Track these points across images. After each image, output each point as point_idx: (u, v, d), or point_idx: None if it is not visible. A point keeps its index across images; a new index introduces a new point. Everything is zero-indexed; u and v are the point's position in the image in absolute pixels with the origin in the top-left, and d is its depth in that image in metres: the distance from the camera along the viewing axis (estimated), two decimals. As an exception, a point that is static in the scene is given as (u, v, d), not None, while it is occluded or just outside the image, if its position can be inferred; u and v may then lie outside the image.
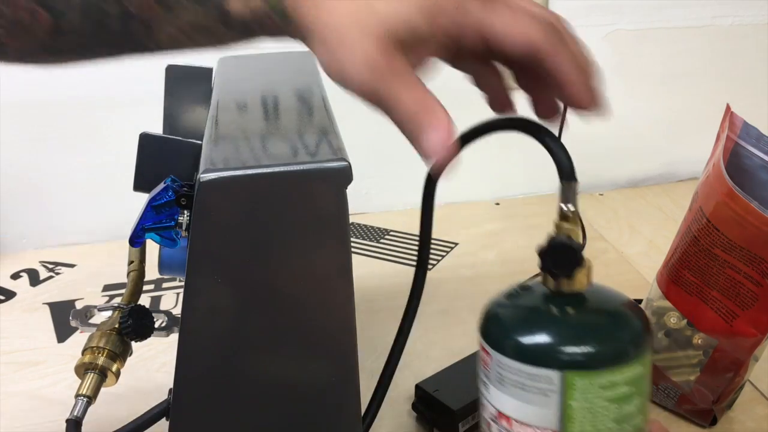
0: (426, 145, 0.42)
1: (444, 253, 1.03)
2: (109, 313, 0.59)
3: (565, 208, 0.48)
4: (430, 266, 0.86)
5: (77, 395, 0.53)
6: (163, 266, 0.57)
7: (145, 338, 0.57)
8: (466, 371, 0.71)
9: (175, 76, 0.65)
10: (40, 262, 1.05)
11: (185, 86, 0.65)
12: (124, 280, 1.00)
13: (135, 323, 0.56)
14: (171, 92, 0.65)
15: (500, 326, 0.48)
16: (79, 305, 0.94)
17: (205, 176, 0.45)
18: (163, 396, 0.57)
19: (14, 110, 1.02)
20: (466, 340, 0.77)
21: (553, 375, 0.45)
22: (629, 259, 0.99)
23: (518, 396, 0.46)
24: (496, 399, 0.48)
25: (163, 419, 0.55)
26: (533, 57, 0.46)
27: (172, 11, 0.47)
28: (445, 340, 0.83)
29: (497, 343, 0.47)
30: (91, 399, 0.53)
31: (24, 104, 1.02)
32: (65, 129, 1.06)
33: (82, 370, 0.55)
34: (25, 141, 1.05)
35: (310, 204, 0.47)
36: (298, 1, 0.45)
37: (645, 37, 1.16)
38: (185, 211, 0.49)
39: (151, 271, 0.62)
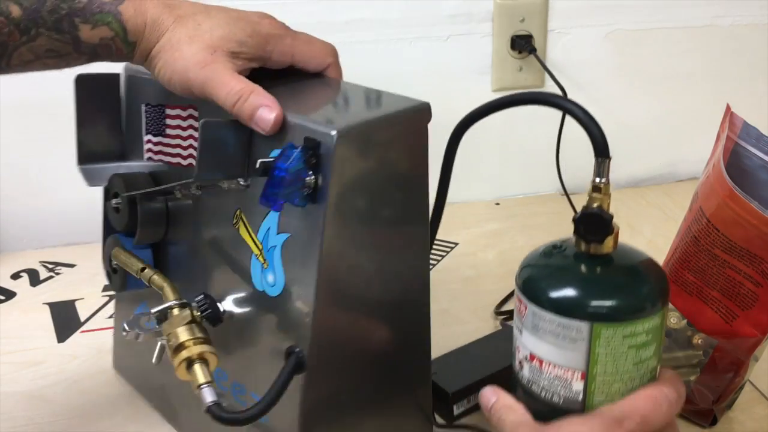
0: (257, 118, 0.55)
1: (444, 253, 1.03)
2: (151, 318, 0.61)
3: (597, 181, 0.54)
4: (429, 266, 0.85)
5: (199, 386, 0.55)
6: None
7: (221, 322, 0.60)
8: (464, 358, 0.75)
9: (86, 87, 0.67)
10: (40, 262, 1.05)
11: (98, 96, 0.69)
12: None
13: (212, 309, 0.60)
14: (82, 103, 0.68)
15: (538, 282, 0.55)
16: (79, 305, 0.94)
17: (333, 131, 0.50)
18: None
19: (14, 110, 1.02)
20: (466, 340, 0.77)
21: (583, 326, 0.52)
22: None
23: (550, 341, 0.54)
24: (530, 343, 0.55)
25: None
26: (322, 69, 0.64)
27: (31, 39, 0.54)
28: (445, 339, 0.83)
29: (535, 296, 0.54)
30: (211, 383, 0.55)
31: (24, 104, 1.02)
32: (65, 129, 1.06)
33: (185, 366, 0.56)
34: (25, 141, 1.05)
35: (411, 140, 0.56)
36: (142, 32, 0.57)
37: (645, 37, 1.16)
38: (310, 172, 0.52)
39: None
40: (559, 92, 1.02)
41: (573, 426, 0.52)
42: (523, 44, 1.10)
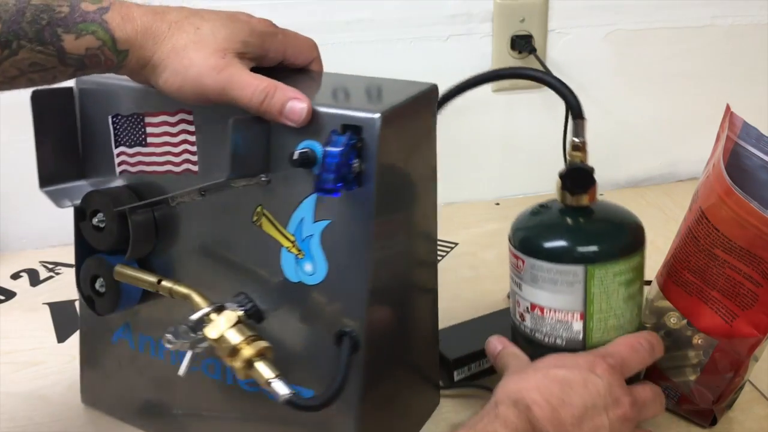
0: (288, 111, 0.55)
1: (444, 253, 1.03)
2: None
3: (577, 140, 0.62)
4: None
5: (268, 382, 0.56)
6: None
7: (264, 319, 0.61)
8: (466, 330, 0.79)
9: (42, 104, 0.65)
10: (40, 262, 1.05)
11: (56, 112, 0.66)
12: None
13: (254, 305, 0.61)
14: (40, 121, 0.65)
15: (534, 237, 0.61)
16: (79, 305, 0.94)
17: (377, 114, 0.54)
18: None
19: (14, 110, 1.02)
20: (466, 340, 0.78)
21: (578, 269, 0.60)
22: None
23: (549, 289, 0.61)
24: (530, 295, 0.62)
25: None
26: (308, 64, 0.65)
27: (13, 52, 0.52)
28: (445, 340, 0.83)
29: (532, 250, 0.61)
30: (279, 375, 0.56)
31: (24, 104, 1.02)
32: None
33: (246, 367, 0.57)
34: (25, 141, 1.05)
35: (428, 120, 0.62)
36: (134, 40, 0.55)
37: (645, 37, 1.16)
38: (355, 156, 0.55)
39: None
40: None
41: (564, 357, 0.60)
42: (523, 44, 1.10)
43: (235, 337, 0.57)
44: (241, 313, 0.58)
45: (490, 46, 1.11)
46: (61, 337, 0.88)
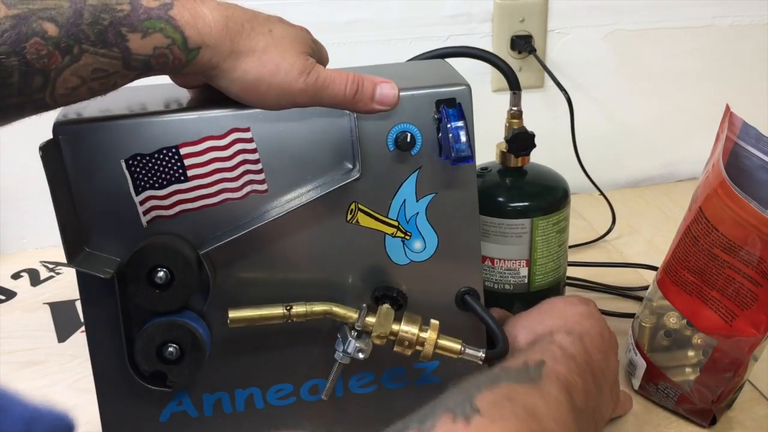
0: (381, 96, 0.55)
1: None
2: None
3: (515, 109, 0.73)
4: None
5: (460, 351, 0.59)
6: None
7: (403, 305, 0.62)
8: None
9: (55, 158, 0.55)
10: (41, 261, 1.05)
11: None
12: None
13: (392, 293, 0.62)
14: (56, 179, 0.55)
15: (483, 197, 0.65)
16: (79, 305, 0.94)
17: (463, 86, 0.59)
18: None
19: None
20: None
21: (526, 222, 0.71)
22: (629, 259, 0.99)
23: (499, 242, 0.72)
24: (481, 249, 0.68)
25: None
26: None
27: (75, 59, 0.47)
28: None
29: (483, 209, 0.65)
30: (462, 342, 0.60)
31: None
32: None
33: (435, 347, 0.59)
34: (25, 141, 1.05)
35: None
36: (208, 37, 0.51)
37: (645, 37, 1.16)
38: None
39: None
40: (560, 94, 1.02)
41: (556, 300, 0.68)
42: (522, 44, 1.10)
43: (411, 328, 0.59)
44: (388, 306, 0.60)
45: (490, 47, 1.11)
46: (62, 337, 0.88)
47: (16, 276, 1.02)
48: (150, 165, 0.56)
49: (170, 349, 0.57)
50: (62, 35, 0.46)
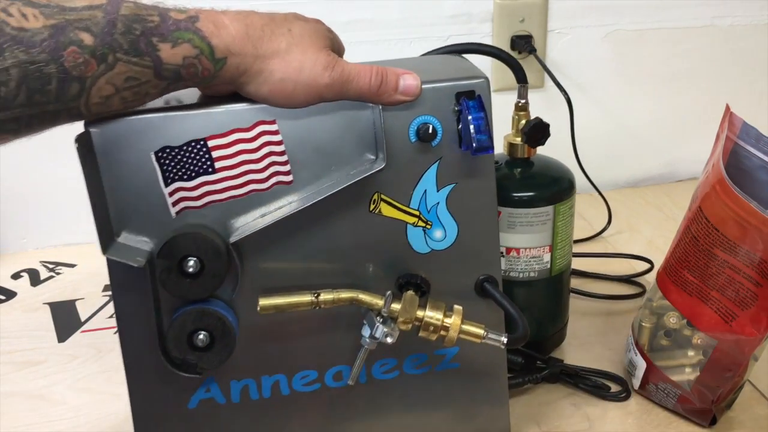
0: (404, 87, 0.57)
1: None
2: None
3: (522, 102, 0.75)
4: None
5: (483, 337, 0.60)
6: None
7: (426, 292, 0.63)
8: None
9: (88, 148, 0.56)
10: (41, 261, 1.05)
11: None
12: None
13: (415, 280, 0.63)
14: (91, 171, 0.56)
15: (507, 191, 0.73)
16: (79, 305, 0.94)
17: (482, 78, 0.61)
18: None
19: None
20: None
21: (549, 209, 0.74)
22: (627, 267, 0.99)
23: (525, 231, 0.74)
24: (505, 240, 0.74)
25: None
26: None
27: (109, 67, 0.49)
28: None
29: (508, 201, 0.73)
30: (485, 327, 0.61)
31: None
32: (66, 128, 1.06)
33: (459, 332, 0.60)
34: (25, 141, 1.05)
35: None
36: (231, 46, 0.52)
37: (645, 37, 1.16)
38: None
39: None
40: (560, 94, 1.02)
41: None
42: (522, 44, 1.10)
43: (436, 314, 0.60)
44: (412, 292, 0.61)
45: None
46: (62, 336, 0.88)
47: (16, 276, 1.02)
48: (179, 157, 0.57)
49: (201, 336, 0.59)
50: (98, 44, 0.48)
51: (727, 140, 0.65)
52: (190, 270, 0.57)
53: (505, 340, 0.61)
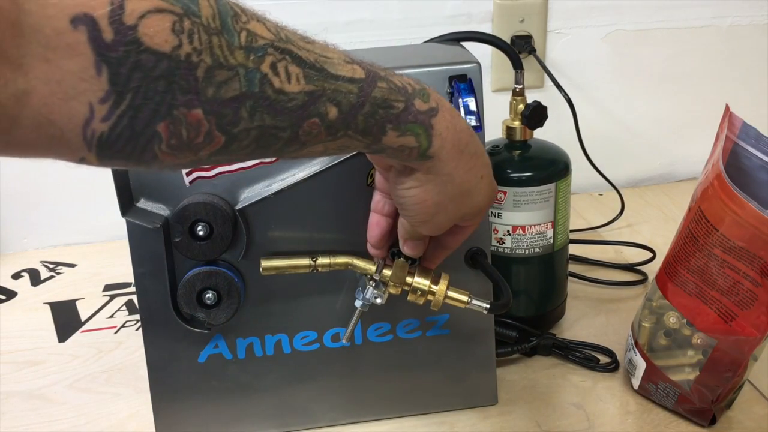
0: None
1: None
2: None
3: (519, 88, 0.78)
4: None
5: (467, 303, 0.63)
6: None
7: (416, 261, 0.64)
8: None
9: None
10: (41, 261, 1.05)
11: None
12: (125, 279, 1.01)
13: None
14: None
15: (511, 170, 0.77)
16: (79, 305, 0.94)
17: (473, 63, 0.65)
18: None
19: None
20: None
21: (551, 186, 0.78)
22: (629, 258, 0.99)
23: (530, 209, 0.78)
24: (511, 219, 0.78)
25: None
26: None
27: (334, 137, 0.47)
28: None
29: (513, 181, 0.77)
30: (470, 294, 0.64)
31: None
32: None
33: (445, 298, 0.63)
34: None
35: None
36: (441, 150, 0.51)
37: (645, 37, 1.16)
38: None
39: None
40: (559, 94, 1.02)
41: None
42: (522, 45, 1.10)
43: (423, 280, 0.63)
44: (403, 260, 0.62)
45: (489, 47, 1.11)
46: (62, 336, 0.88)
47: (16, 276, 1.02)
48: None
49: (209, 294, 0.64)
50: (339, 121, 0.46)
51: (726, 140, 0.65)
52: (200, 233, 0.63)
53: (487, 306, 0.63)
